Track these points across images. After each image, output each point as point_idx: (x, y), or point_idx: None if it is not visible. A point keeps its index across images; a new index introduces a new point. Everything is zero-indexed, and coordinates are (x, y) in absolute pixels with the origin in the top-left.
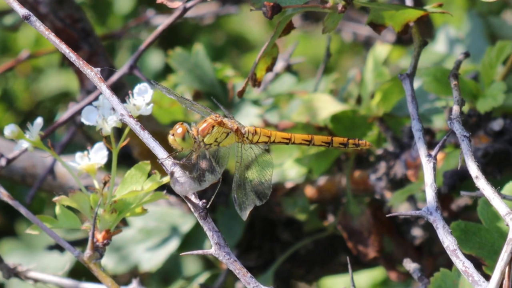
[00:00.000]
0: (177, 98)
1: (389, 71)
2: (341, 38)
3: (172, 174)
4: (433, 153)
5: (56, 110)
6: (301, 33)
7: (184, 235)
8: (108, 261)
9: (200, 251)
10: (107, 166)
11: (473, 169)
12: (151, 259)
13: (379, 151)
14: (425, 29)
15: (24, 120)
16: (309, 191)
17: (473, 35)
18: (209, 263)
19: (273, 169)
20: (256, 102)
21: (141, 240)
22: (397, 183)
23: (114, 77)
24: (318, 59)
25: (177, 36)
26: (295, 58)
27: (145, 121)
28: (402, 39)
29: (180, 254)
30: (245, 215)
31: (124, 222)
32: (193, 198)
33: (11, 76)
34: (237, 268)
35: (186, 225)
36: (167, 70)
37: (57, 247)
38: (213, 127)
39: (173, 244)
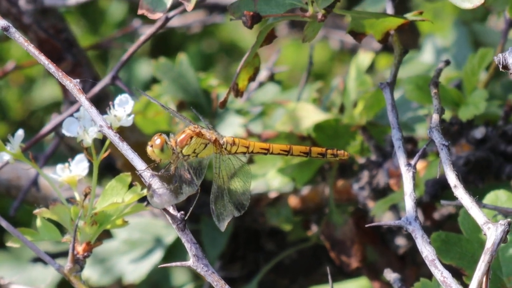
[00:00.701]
0: (162, 106)
1: (375, 80)
2: (328, 46)
3: (149, 186)
4: (412, 162)
5: (48, 120)
6: (290, 41)
7: (168, 246)
8: (92, 273)
9: (178, 263)
10: (90, 177)
11: (452, 178)
12: (135, 271)
13: (362, 160)
14: (410, 39)
15: (16, 130)
16: (293, 201)
17: (459, 43)
18: (196, 273)
19: (252, 180)
20: (240, 112)
21: (125, 252)
22: (380, 192)
23: (96, 88)
24: (303, 66)
25: (166, 45)
26: (279, 67)
27: (129, 131)
28: (389, 47)
29: (159, 266)
30: (223, 226)
31: (108, 234)
32: (171, 210)
33: (3, 86)
34: (215, 280)
35: (170, 236)
36: (156, 80)
37: (41, 260)
38: (191, 138)
39: (157, 255)
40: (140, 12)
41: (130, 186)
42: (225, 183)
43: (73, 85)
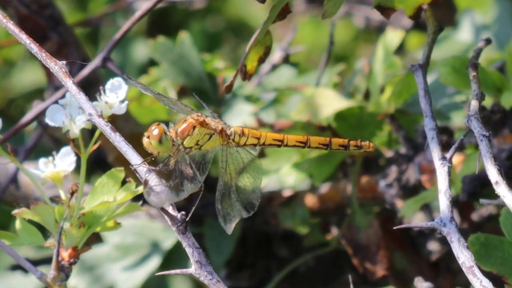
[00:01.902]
0: (154, 95)
1: (406, 62)
2: (352, 23)
3: (146, 182)
4: (448, 155)
5: (30, 108)
6: (307, 17)
7: (167, 251)
8: (79, 282)
9: (178, 271)
10: (77, 173)
11: (493, 173)
12: (128, 279)
13: (389, 154)
14: (446, 14)
15: None
16: (310, 200)
17: (501, 19)
18: (198, 282)
19: (263, 176)
20: (249, 98)
21: (117, 258)
22: (410, 190)
23: (85, 71)
24: (324, 46)
25: (166, 23)
26: (295, 47)
27: (123, 121)
28: (422, 24)
29: (156, 274)
30: (230, 228)
31: (98, 237)
32: (170, 209)
33: None
34: None
35: (169, 240)
36: (154, 62)
37: (21, 267)
38: (194, 128)
39: (154, 262)
40: None
41: (123, 183)
42: (233, 180)
43: (58, 67)
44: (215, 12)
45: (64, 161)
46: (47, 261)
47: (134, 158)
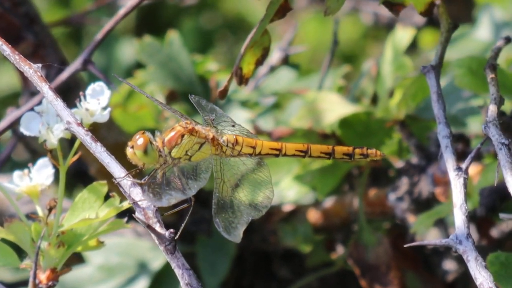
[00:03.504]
0: (147, 96)
1: (417, 63)
2: (359, 20)
3: (130, 198)
4: (463, 165)
5: (3, 116)
6: (310, 14)
7: (155, 273)
8: None
9: None
10: (56, 187)
11: None
12: None
13: (400, 164)
14: (462, 10)
15: None
16: (313, 215)
17: None
18: None
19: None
20: (245, 104)
21: (101, 280)
22: (422, 204)
23: (64, 75)
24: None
25: (155, 21)
26: (296, 47)
27: (105, 130)
28: (435, 21)
29: None
30: (237, 236)
31: (79, 258)
32: (157, 227)
33: None
34: None
35: (157, 261)
36: (140, 65)
37: None
38: (182, 136)
39: (141, 285)
40: None
41: (106, 198)
42: (231, 187)
43: (33, 71)
44: (210, 8)
45: (41, 174)
46: (23, 284)
47: (117, 170)
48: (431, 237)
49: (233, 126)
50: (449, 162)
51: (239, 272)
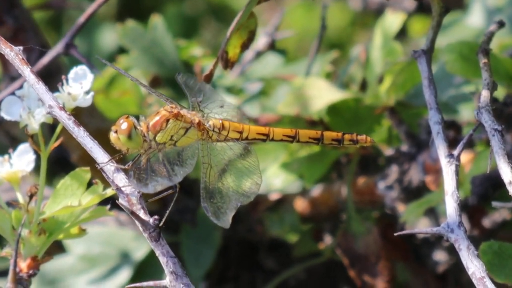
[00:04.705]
0: (133, 78)
1: (407, 48)
2: (348, 6)
3: (114, 184)
4: (455, 152)
5: None
6: (298, 1)
7: (139, 262)
8: None
9: (151, 283)
10: (36, 174)
11: (506, 173)
12: None
13: (389, 152)
14: None
15: None
16: (300, 204)
17: None
18: None
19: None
20: (231, 90)
21: (83, 270)
22: (413, 193)
23: (45, 59)
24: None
25: (138, 5)
26: (283, 32)
27: (87, 115)
28: (425, 6)
29: (125, 287)
30: (226, 221)
31: (61, 247)
32: (141, 214)
33: None
34: None
35: (140, 250)
36: (123, 50)
37: None
38: (167, 121)
39: (124, 275)
40: None
41: (89, 184)
42: (219, 172)
43: (14, 53)
44: None
45: (21, 160)
46: (3, 273)
47: (100, 155)
48: (422, 227)
49: (222, 106)
50: (440, 148)
51: (224, 263)
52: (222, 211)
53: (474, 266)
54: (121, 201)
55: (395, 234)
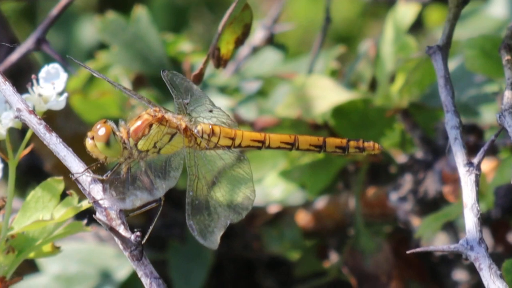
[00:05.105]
0: (109, 81)
1: (422, 43)
2: None
3: (90, 196)
4: (475, 160)
5: None
6: None
7: (121, 283)
8: None
9: None
10: (5, 184)
11: None
12: None
13: (402, 159)
14: None
15: None
16: (302, 218)
17: None
18: None
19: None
20: (224, 90)
21: None
22: (429, 205)
23: (14, 56)
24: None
25: None
26: (282, 25)
27: (62, 118)
28: None
29: None
30: (214, 242)
31: (33, 266)
32: (122, 230)
33: None
34: None
35: (123, 270)
36: (103, 45)
37: None
38: (150, 126)
39: None
40: None
41: (63, 196)
42: (208, 184)
43: None
44: None
45: None
46: None
47: (75, 165)
48: (439, 243)
49: (211, 111)
50: (458, 156)
51: (218, 283)
52: (210, 229)
53: (496, 287)
54: (99, 215)
55: (409, 252)
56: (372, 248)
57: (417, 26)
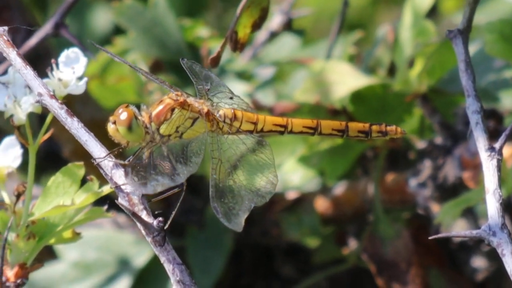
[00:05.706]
0: (130, 65)
1: (441, 28)
2: None
3: (112, 181)
4: (497, 145)
5: None
6: None
7: (140, 270)
8: None
9: None
10: (24, 170)
11: None
12: None
13: (421, 144)
14: None
15: None
16: (321, 204)
17: None
18: None
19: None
20: (242, 75)
21: (77, 279)
22: (448, 191)
23: (33, 41)
24: (334, 12)
25: None
26: (300, 10)
27: (80, 104)
28: None
29: None
30: (238, 224)
31: (52, 253)
32: (144, 215)
33: None
34: None
35: (141, 256)
36: (120, 30)
37: None
38: (172, 110)
39: (123, 284)
40: None
41: (83, 182)
42: (230, 169)
43: None
44: None
45: (7, 155)
46: None
47: (97, 149)
48: (459, 229)
49: (231, 98)
50: (479, 141)
51: (236, 270)
52: (234, 212)
53: None
54: (121, 200)
55: (429, 238)
56: (392, 235)
57: (434, 12)
